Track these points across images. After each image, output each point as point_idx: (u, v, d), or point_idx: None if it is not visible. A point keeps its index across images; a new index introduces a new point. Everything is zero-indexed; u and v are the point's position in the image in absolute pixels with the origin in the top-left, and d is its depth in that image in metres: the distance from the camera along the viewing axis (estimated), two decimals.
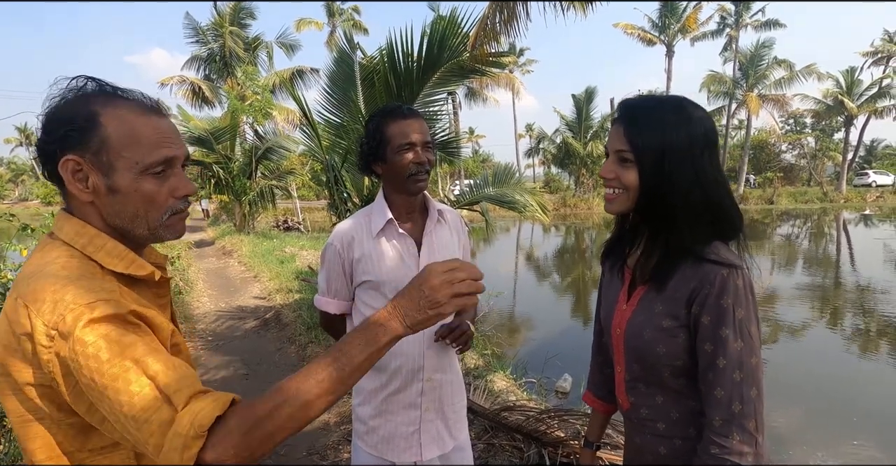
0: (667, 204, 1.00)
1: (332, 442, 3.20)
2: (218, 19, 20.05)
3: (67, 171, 0.78)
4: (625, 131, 1.00)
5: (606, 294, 1.21)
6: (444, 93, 4.70)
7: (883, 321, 7.04)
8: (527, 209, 5.07)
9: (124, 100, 0.81)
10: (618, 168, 1.02)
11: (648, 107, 1.01)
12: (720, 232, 1.01)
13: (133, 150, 0.79)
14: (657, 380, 1.07)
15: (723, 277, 0.96)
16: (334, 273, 1.48)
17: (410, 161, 1.39)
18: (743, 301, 0.96)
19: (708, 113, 1.04)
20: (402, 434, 1.45)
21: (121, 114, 0.79)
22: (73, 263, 0.78)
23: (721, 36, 29.12)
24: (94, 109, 0.78)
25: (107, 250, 0.81)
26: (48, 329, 0.69)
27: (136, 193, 0.80)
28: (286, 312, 6.24)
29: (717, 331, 0.96)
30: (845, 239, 16.14)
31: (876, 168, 37.08)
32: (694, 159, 0.98)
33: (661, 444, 1.08)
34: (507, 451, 2.60)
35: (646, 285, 1.07)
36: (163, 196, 0.83)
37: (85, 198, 0.80)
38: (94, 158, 0.78)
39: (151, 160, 0.80)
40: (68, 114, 0.78)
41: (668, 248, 1.02)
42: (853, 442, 3.85)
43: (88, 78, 0.82)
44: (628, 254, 1.14)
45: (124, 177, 0.79)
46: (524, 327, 7.42)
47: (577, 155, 28.94)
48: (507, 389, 3.71)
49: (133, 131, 0.79)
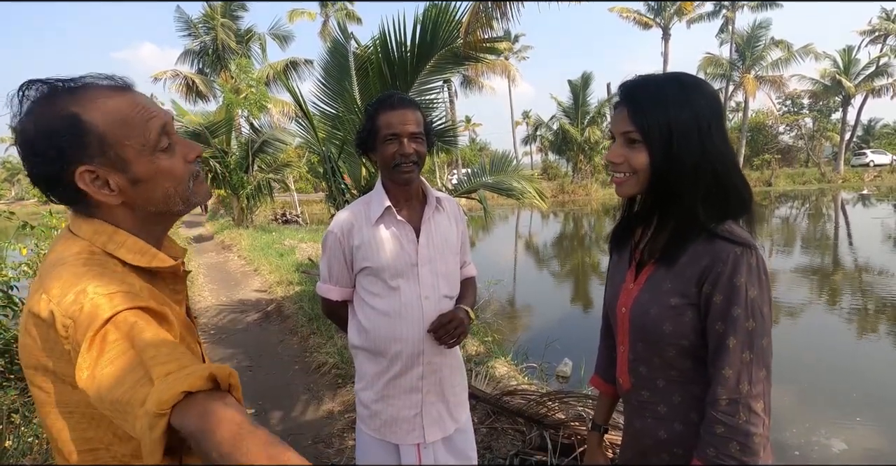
0: (677, 181, 0.99)
1: (337, 430, 3.24)
2: (209, 12, 19.85)
3: (87, 183, 0.75)
4: (629, 113, 1.00)
5: (613, 275, 1.19)
6: (440, 81, 4.68)
7: (881, 299, 7.09)
8: (524, 196, 5.08)
9: (91, 90, 0.76)
10: (626, 151, 1.02)
11: (650, 86, 1.01)
12: (731, 208, 1.00)
13: (132, 135, 0.76)
14: (661, 362, 1.05)
15: (736, 255, 0.95)
16: (335, 260, 1.50)
17: (394, 152, 1.41)
18: (756, 280, 0.95)
19: (708, 84, 1.03)
20: (404, 417, 1.48)
21: (98, 105, 0.74)
22: (95, 258, 0.76)
23: (717, 17, 28.87)
24: (70, 111, 0.73)
25: (128, 247, 0.79)
26: (65, 318, 0.68)
27: (159, 174, 0.79)
28: (287, 304, 6.27)
29: (729, 310, 0.95)
30: (843, 220, 16.17)
31: (874, 147, 37.02)
32: (701, 133, 0.98)
33: (662, 428, 1.07)
34: (510, 435, 2.64)
35: (654, 264, 1.06)
36: (180, 166, 0.81)
37: (114, 201, 0.78)
38: (103, 159, 0.75)
39: (153, 136, 0.77)
40: (47, 127, 0.73)
41: (679, 226, 1.01)
42: (857, 419, 3.90)
43: (33, 81, 0.75)
44: (636, 236, 1.14)
45: (140, 164, 0.77)
46: (524, 314, 7.47)
47: (575, 141, 28.82)
48: (508, 375, 3.75)
49: (120, 116, 0.75)
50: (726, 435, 0.94)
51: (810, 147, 34.80)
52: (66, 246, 0.78)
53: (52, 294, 0.70)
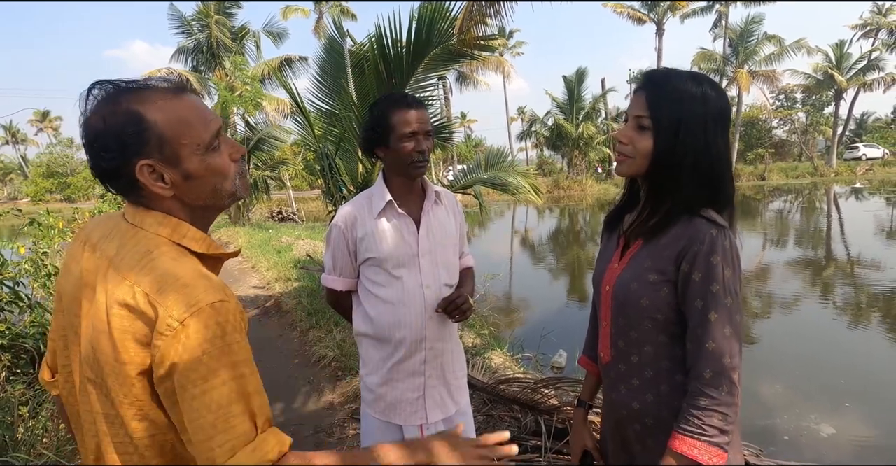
0: (674, 171, 1.06)
1: (339, 420, 3.32)
2: (203, 9, 19.76)
3: (146, 176, 0.82)
4: (647, 99, 1.07)
5: (602, 256, 1.28)
6: (435, 78, 4.73)
7: (871, 290, 7.22)
8: (520, 191, 5.15)
9: (154, 91, 0.83)
10: (634, 133, 1.09)
11: (672, 79, 1.07)
12: (715, 200, 1.08)
13: (189, 135, 0.83)
14: (637, 336, 1.13)
15: (712, 236, 1.02)
16: (339, 252, 1.57)
17: (413, 149, 1.49)
18: (730, 262, 1.02)
19: (723, 89, 1.11)
20: (407, 399, 1.56)
21: (160, 106, 0.81)
22: (184, 259, 0.82)
23: (711, 12, 28.96)
24: (134, 110, 0.80)
25: (190, 236, 0.87)
26: (173, 320, 0.73)
27: (208, 171, 0.86)
28: (286, 300, 6.33)
29: (708, 287, 1.01)
30: (836, 213, 16.33)
31: (866, 141, 37.28)
32: (707, 132, 1.04)
33: (635, 399, 1.15)
34: (506, 421, 2.72)
35: (637, 245, 1.14)
36: (227, 164, 0.89)
37: (167, 194, 0.84)
38: (161, 155, 0.81)
39: (208, 137, 0.85)
40: (113, 124, 0.79)
41: (670, 211, 1.08)
42: (845, 404, 4.01)
43: (98, 82, 0.83)
44: (626, 220, 1.22)
45: (192, 161, 0.84)
46: (520, 307, 7.56)
47: (570, 136, 28.83)
48: (504, 365, 3.84)
49: (179, 117, 0.82)
50: (710, 407, 0.99)
51: (803, 141, 35.03)
52: (138, 240, 0.84)
53: (146, 287, 0.77)
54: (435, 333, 1.55)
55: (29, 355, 3.18)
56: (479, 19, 4.38)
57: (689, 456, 1.00)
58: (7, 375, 3.07)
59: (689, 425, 1.01)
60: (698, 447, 1.00)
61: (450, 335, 1.61)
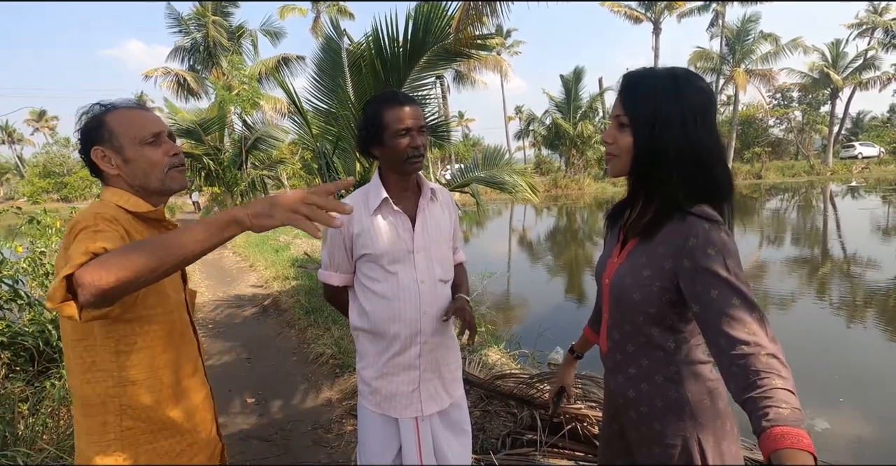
0: (657, 165, 1.08)
1: (336, 416, 3.35)
2: (200, 9, 19.75)
3: (98, 158, 1.20)
4: (621, 98, 1.11)
5: (604, 250, 1.32)
6: (432, 77, 4.74)
7: (866, 288, 7.27)
8: (517, 190, 5.17)
9: (118, 107, 1.24)
10: (616, 132, 1.12)
11: (646, 77, 1.11)
12: (709, 195, 1.08)
13: (130, 132, 1.19)
14: (631, 328, 1.17)
15: (706, 230, 1.02)
16: (336, 248, 1.60)
17: (407, 145, 1.51)
18: (730, 251, 1.00)
19: (703, 80, 1.12)
20: (403, 392, 1.59)
21: (118, 113, 1.21)
22: (109, 206, 1.18)
23: (707, 11, 29.06)
24: (102, 117, 1.21)
25: (132, 203, 1.21)
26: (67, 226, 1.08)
27: (142, 158, 1.20)
28: (284, 298, 6.36)
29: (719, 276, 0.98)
30: (832, 211, 16.40)
31: (862, 139, 37.42)
32: (686, 125, 1.05)
33: (631, 388, 1.20)
34: (502, 416, 2.75)
35: (635, 240, 1.17)
36: (159, 156, 1.22)
37: (113, 172, 1.21)
38: (110, 145, 1.19)
39: (144, 134, 1.20)
40: (86, 124, 1.22)
41: (661, 206, 1.10)
42: (840, 399, 4.04)
43: (97, 103, 1.25)
44: (627, 216, 1.25)
45: (131, 150, 1.19)
46: (518, 305, 7.60)
47: (567, 135, 28.82)
48: (500, 362, 3.87)
49: (126, 119, 1.20)
50: (784, 387, 0.84)
51: (800, 140, 35.11)
52: (96, 203, 1.22)
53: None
54: (429, 328, 1.58)
55: (28, 352, 3.20)
56: (475, 18, 4.40)
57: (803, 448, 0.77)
58: (7, 372, 3.09)
59: (779, 412, 0.81)
60: (799, 435, 0.78)
61: (444, 329, 1.63)
